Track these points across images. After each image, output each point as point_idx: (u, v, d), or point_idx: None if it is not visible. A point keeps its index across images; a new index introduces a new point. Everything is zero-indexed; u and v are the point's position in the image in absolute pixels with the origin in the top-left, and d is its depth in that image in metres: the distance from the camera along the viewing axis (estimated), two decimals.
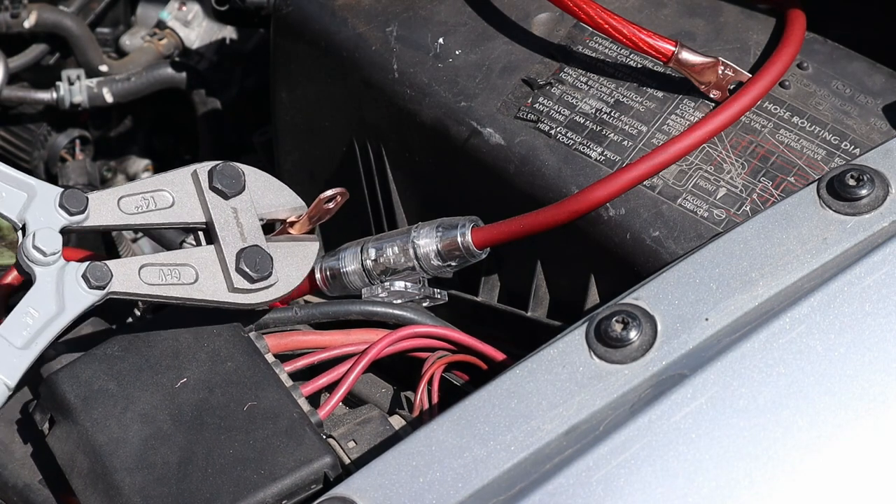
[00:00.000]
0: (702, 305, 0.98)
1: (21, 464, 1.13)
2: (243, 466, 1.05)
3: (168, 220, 1.14)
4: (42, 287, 1.06)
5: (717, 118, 1.23)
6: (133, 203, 1.13)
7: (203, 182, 1.15)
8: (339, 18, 1.38)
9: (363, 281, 1.25)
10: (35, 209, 1.09)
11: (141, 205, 1.13)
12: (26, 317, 1.05)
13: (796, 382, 0.92)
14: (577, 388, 0.95)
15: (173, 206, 1.14)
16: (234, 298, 1.12)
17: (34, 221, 1.08)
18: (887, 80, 1.29)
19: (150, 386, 1.10)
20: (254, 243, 1.13)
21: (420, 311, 1.23)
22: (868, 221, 1.02)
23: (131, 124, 2.03)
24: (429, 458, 0.94)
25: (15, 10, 1.87)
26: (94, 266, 1.07)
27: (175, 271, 1.10)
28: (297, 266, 1.16)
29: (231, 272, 1.11)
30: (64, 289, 1.06)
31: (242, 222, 1.14)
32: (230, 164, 1.16)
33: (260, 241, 1.14)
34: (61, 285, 1.06)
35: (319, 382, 1.15)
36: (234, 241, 1.13)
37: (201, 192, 1.14)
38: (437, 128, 1.32)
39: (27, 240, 1.07)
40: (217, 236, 1.13)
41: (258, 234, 1.15)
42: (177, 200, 1.14)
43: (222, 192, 1.15)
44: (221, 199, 1.15)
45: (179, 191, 1.14)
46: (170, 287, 1.09)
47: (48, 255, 1.07)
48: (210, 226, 1.14)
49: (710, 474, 0.89)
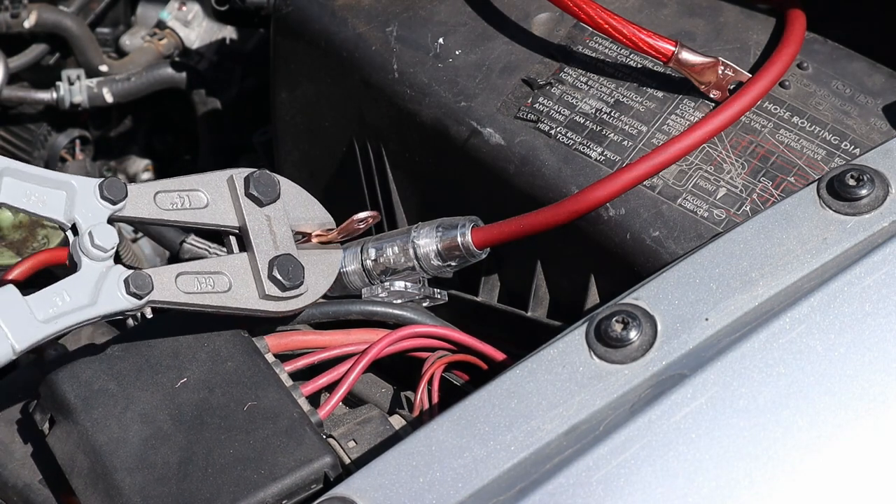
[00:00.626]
0: (702, 305, 0.98)
1: (21, 464, 1.13)
2: (243, 466, 1.05)
3: (201, 220, 1.15)
4: (83, 277, 1.07)
5: (717, 118, 1.24)
6: (169, 199, 1.13)
7: (239, 188, 1.16)
8: (339, 18, 1.38)
9: (363, 281, 1.25)
10: (81, 207, 1.09)
11: (176, 202, 1.14)
12: (57, 297, 1.05)
13: (796, 382, 0.92)
14: (577, 388, 0.95)
15: (207, 207, 1.15)
16: (264, 306, 1.13)
17: (84, 219, 1.09)
18: (887, 80, 1.29)
19: (151, 386, 1.10)
20: (286, 252, 1.14)
21: (420, 311, 1.23)
22: (868, 221, 1.02)
23: (131, 124, 2.03)
24: (429, 458, 0.94)
25: (15, 10, 1.87)
26: (137, 274, 1.07)
27: (210, 279, 1.11)
28: (324, 274, 1.18)
29: (263, 279, 1.13)
30: (104, 286, 1.07)
31: (275, 230, 1.16)
32: (266, 172, 1.17)
33: (292, 249, 1.15)
34: (102, 282, 1.07)
35: (319, 382, 1.15)
36: (268, 249, 1.14)
37: (236, 197, 1.16)
38: (437, 128, 1.32)
39: (83, 238, 1.07)
40: (251, 243, 1.14)
41: (290, 243, 1.16)
42: (211, 202, 1.15)
43: (258, 199, 1.16)
44: (256, 207, 1.16)
45: (214, 193, 1.15)
46: (205, 296, 1.10)
47: (108, 250, 1.08)
48: (244, 231, 1.15)
49: (710, 474, 0.89)
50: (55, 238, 1.69)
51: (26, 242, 1.65)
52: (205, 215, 1.15)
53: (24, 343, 1.03)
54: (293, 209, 1.19)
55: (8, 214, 1.61)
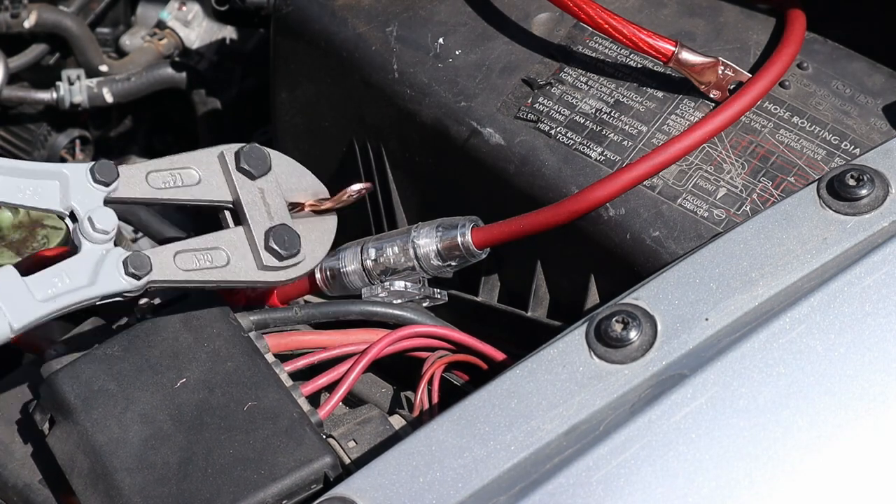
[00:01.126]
0: (702, 305, 0.98)
1: (21, 464, 1.13)
2: (243, 466, 1.05)
3: (194, 197, 1.16)
4: (83, 259, 1.07)
5: (717, 118, 1.24)
6: (161, 178, 1.14)
7: (230, 163, 1.17)
8: (339, 18, 1.38)
9: (363, 281, 1.25)
10: (75, 193, 1.10)
11: (168, 180, 1.15)
12: (56, 278, 1.06)
13: (796, 382, 0.92)
14: (577, 388, 0.95)
15: (200, 184, 1.16)
16: (263, 277, 1.14)
17: (81, 205, 1.09)
18: (887, 80, 1.29)
19: (151, 386, 1.10)
20: (281, 222, 1.15)
21: (420, 311, 1.23)
22: (868, 221, 1.02)
23: (131, 124, 2.03)
24: (429, 458, 0.94)
25: (15, 10, 1.87)
26: (136, 255, 1.08)
27: (208, 255, 1.12)
28: (321, 241, 1.19)
29: (261, 251, 1.14)
30: (103, 268, 1.07)
31: (269, 202, 1.17)
32: (256, 146, 1.18)
33: (287, 219, 1.16)
34: (101, 264, 1.07)
35: (319, 382, 1.15)
36: (262, 221, 1.15)
37: (228, 172, 1.17)
38: (437, 128, 1.32)
39: (83, 224, 1.08)
40: (245, 215, 1.15)
41: (284, 213, 1.17)
42: (203, 178, 1.16)
43: (249, 172, 1.17)
44: (248, 180, 1.17)
45: (206, 170, 1.16)
46: (204, 272, 1.11)
47: (109, 232, 1.08)
48: (237, 205, 1.16)
49: (710, 474, 0.89)
50: (55, 238, 1.69)
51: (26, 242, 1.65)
52: (198, 192, 1.16)
53: (21, 321, 1.03)
54: (285, 180, 1.20)
55: (8, 214, 1.60)
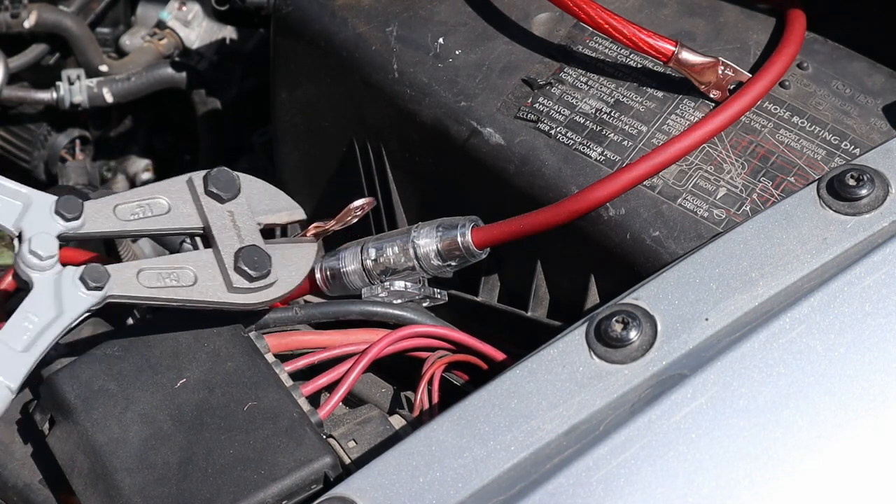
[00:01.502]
0: (702, 305, 0.98)
1: (21, 464, 1.13)
2: (243, 466, 1.05)
3: (164, 227, 1.14)
4: (40, 292, 1.06)
5: (717, 118, 1.23)
6: (129, 210, 1.13)
7: (198, 188, 1.15)
8: (339, 18, 1.38)
9: (363, 281, 1.25)
10: (31, 217, 1.09)
11: (137, 212, 1.14)
12: (25, 321, 1.05)
13: (796, 382, 0.92)
14: (577, 388, 0.95)
15: (169, 213, 1.14)
16: (233, 298, 1.11)
17: (30, 228, 1.08)
18: (887, 80, 1.29)
19: (150, 386, 1.10)
20: (251, 243, 1.13)
21: (420, 311, 1.23)
22: (868, 221, 1.02)
23: (131, 124, 2.03)
24: (429, 458, 0.94)
25: (15, 10, 1.87)
26: (91, 268, 1.07)
27: (174, 274, 1.11)
28: (297, 266, 1.16)
29: (230, 271, 1.11)
30: (62, 292, 1.06)
31: (239, 225, 1.15)
32: (224, 169, 1.17)
33: (258, 241, 1.14)
34: (59, 289, 1.06)
35: (319, 382, 1.15)
36: (232, 243, 1.13)
37: (197, 198, 1.15)
38: (437, 128, 1.32)
39: (24, 246, 1.07)
40: (214, 238, 1.13)
41: (256, 235, 1.15)
42: (173, 207, 1.15)
43: (217, 195, 1.15)
44: (217, 203, 1.15)
45: (175, 197, 1.15)
46: (168, 290, 1.10)
47: (45, 258, 1.07)
48: (207, 230, 1.14)
49: (710, 474, 0.89)
50: None
51: None
52: (167, 221, 1.14)
53: (16, 379, 1.03)
54: (257, 202, 1.18)
55: None
